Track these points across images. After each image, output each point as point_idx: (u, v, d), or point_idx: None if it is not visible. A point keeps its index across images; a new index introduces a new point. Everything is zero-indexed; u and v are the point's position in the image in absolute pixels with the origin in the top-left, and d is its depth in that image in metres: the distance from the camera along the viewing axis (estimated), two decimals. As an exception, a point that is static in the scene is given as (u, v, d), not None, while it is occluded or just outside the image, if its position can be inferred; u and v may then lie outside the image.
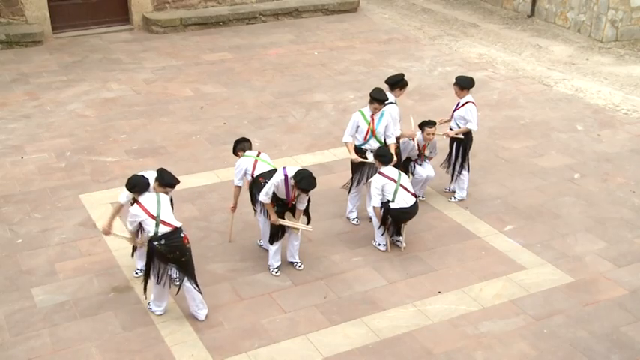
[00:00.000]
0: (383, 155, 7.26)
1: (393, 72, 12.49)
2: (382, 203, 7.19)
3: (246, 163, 7.06)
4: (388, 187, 7.12)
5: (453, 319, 6.44)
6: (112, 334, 6.21)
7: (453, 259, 7.31)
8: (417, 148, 7.97)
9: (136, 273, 6.92)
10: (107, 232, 6.62)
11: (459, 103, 8.13)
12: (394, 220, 7.22)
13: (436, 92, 11.61)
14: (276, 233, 6.89)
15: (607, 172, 9.15)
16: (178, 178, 6.50)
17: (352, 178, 7.78)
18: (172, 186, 6.38)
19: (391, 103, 7.84)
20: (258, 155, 7.14)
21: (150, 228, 6.05)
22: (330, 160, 9.28)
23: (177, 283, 6.26)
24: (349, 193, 7.88)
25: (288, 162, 9.04)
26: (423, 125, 7.97)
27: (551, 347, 6.12)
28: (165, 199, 6.25)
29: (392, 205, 7.13)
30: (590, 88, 11.91)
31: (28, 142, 9.78)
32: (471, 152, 8.37)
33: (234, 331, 6.27)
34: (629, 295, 6.77)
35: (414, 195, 7.26)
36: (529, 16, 15.68)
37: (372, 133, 7.53)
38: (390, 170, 7.22)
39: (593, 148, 9.79)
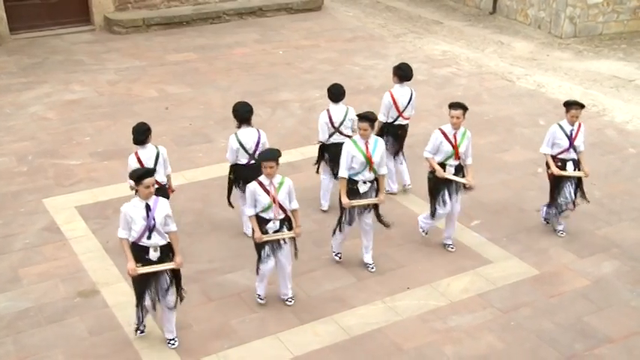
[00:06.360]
0: (461, 105, 6.88)
1: (358, 70, 12.60)
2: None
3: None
4: (444, 146, 6.96)
5: (422, 314, 6.50)
6: (78, 340, 6.11)
7: (421, 255, 7.37)
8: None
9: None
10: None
11: (572, 130, 7.43)
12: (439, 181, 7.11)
13: (401, 89, 11.69)
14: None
15: (569, 166, 9.30)
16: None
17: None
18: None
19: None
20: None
21: None
22: (298, 159, 9.27)
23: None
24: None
25: (255, 161, 9.01)
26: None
27: (518, 339, 6.21)
28: (163, 152, 6.85)
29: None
30: (551, 84, 12.13)
31: (-12, 146, 9.58)
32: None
33: (203, 332, 6.23)
34: (591, 286, 6.92)
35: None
36: (491, 13, 15.89)
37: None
38: (448, 130, 6.95)
39: (555, 143, 9.95)
